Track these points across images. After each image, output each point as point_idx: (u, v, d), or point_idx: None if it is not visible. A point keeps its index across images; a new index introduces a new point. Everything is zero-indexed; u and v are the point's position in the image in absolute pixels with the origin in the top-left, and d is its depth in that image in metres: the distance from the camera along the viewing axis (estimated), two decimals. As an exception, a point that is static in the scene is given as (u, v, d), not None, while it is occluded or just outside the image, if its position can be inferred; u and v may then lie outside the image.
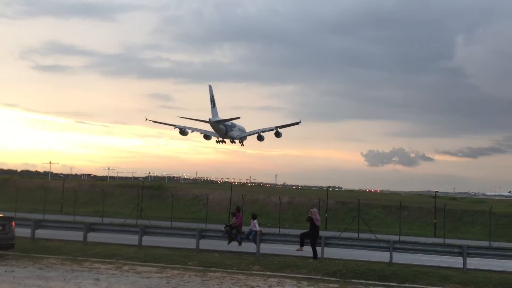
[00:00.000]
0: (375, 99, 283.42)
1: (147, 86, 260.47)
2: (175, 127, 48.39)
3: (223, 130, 48.57)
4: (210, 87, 48.57)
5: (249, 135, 51.91)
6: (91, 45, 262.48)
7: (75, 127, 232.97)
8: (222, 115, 46.70)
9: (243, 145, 52.29)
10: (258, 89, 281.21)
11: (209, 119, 46.42)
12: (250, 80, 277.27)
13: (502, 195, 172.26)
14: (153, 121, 48.52)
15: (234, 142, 51.67)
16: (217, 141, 51.02)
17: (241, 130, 51.64)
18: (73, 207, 41.95)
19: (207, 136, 50.98)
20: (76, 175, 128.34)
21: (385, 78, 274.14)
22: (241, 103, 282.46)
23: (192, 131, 50.56)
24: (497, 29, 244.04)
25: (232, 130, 50.10)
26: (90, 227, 22.45)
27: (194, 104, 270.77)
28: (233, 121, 49.13)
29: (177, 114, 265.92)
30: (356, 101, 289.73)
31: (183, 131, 49.08)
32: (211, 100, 48.35)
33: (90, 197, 54.33)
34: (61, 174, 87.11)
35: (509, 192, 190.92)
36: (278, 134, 49.35)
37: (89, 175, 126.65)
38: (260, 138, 50.72)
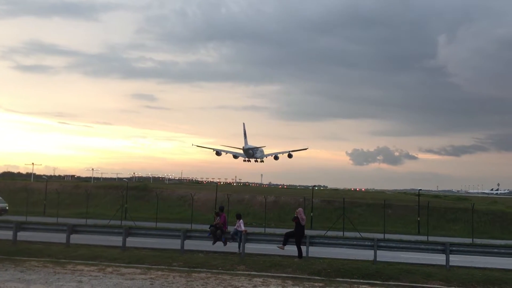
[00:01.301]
0: (359, 98, 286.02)
1: (131, 86, 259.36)
2: (214, 150, 71.23)
3: (251, 154, 70.27)
4: (243, 124, 70.81)
5: (268, 156, 73.25)
6: (74, 45, 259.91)
7: (58, 128, 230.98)
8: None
9: (262, 161, 74.62)
10: (243, 88, 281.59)
11: (243, 147, 69.05)
12: (235, 80, 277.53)
13: (484, 193, 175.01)
14: (197, 146, 75.81)
15: (257, 161, 73.81)
16: (244, 160, 73.44)
17: (261, 151, 72.66)
18: (56, 209, 41.39)
19: (235, 157, 72.72)
20: (59, 176, 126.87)
21: (369, 78, 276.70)
22: (226, 102, 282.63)
23: (226, 153, 72.64)
24: (478, 28, 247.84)
25: (256, 153, 71.04)
26: (73, 229, 22.18)
27: (179, 104, 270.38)
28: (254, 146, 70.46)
29: (161, 114, 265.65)
30: (340, 100, 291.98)
31: (218, 153, 71.13)
32: (244, 134, 70.59)
33: (73, 199, 53.69)
34: (44, 175, 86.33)
35: (492, 189, 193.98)
36: (290, 156, 72.03)
37: (72, 176, 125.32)
38: (276, 158, 73.64)
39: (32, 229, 23.29)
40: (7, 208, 43.53)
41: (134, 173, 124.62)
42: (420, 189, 57.81)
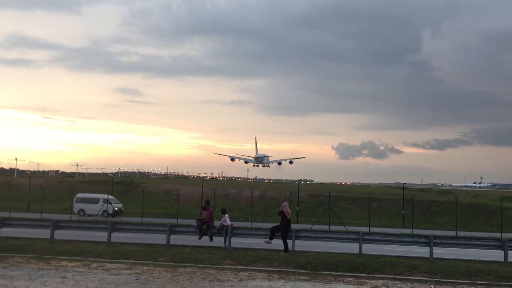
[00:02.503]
0: (345, 93, 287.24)
1: (115, 80, 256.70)
2: (230, 157, 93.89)
3: (260, 160, 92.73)
4: (255, 138, 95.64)
5: (275, 162, 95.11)
6: (57, 38, 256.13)
7: (41, 123, 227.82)
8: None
9: (268, 166, 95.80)
10: (229, 83, 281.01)
11: (255, 157, 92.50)
12: (221, 74, 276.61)
13: (468, 186, 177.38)
14: (216, 153, 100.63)
15: (264, 166, 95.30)
16: (254, 165, 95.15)
17: (268, 159, 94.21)
18: (40, 205, 40.97)
19: (246, 162, 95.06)
20: (43, 171, 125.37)
21: (354, 72, 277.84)
22: (211, 97, 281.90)
23: (239, 160, 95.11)
24: (462, 23, 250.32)
25: (264, 160, 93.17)
26: (58, 225, 21.94)
27: (164, 99, 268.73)
28: (264, 154, 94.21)
29: (146, 109, 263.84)
30: (326, 94, 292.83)
31: (233, 159, 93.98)
32: (255, 145, 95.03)
33: (58, 194, 53.19)
34: (28, 171, 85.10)
35: (475, 182, 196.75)
36: (291, 162, 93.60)
37: (56, 171, 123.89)
38: (279, 164, 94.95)
39: (16, 225, 23.01)
40: (122, 208, 43.00)
41: (119, 168, 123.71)
42: (405, 183, 58.53)
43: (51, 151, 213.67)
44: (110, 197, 42.80)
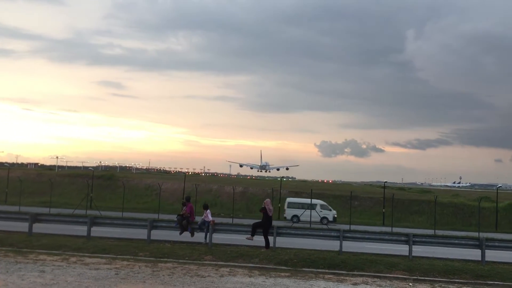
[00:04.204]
0: (328, 91, 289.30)
1: (98, 73, 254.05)
2: (239, 164, 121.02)
3: (264, 167, 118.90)
4: (261, 151, 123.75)
5: (274, 168, 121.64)
6: (38, 29, 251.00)
7: (21, 115, 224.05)
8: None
9: (270, 171, 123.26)
10: (213, 78, 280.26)
11: (260, 165, 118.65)
12: (205, 69, 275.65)
13: (447, 186, 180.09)
14: (229, 161, 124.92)
15: (266, 171, 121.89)
16: (258, 171, 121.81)
17: (269, 165, 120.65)
18: (18, 197, 40.27)
19: (252, 168, 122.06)
20: (22, 164, 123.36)
21: (338, 71, 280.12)
22: (195, 92, 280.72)
23: (247, 166, 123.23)
24: (445, 24, 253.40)
25: (266, 167, 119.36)
26: (36, 218, 21.62)
27: (148, 93, 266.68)
28: (266, 162, 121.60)
29: (129, 102, 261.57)
30: (309, 92, 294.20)
31: (241, 165, 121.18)
32: (260, 156, 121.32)
33: (37, 187, 52.31)
34: (6, 163, 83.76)
35: (454, 182, 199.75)
36: (287, 169, 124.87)
37: (36, 164, 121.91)
38: (278, 169, 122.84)
39: (-7, 217, 22.57)
40: (335, 216, 39.22)
41: (100, 162, 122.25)
42: (386, 182, 59.13)
43: (30, 143, 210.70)
44: (321, 201, 40.59)
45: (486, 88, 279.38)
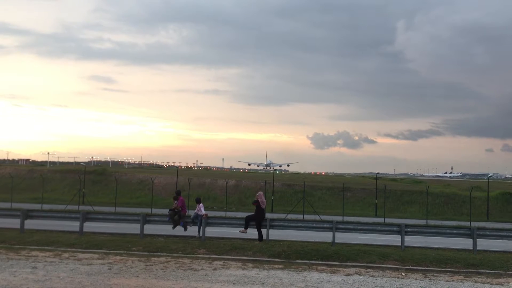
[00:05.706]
0: (320, 83, 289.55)
1: (88, 67, 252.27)
2: (247, 163, 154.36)
3: (269, 165, 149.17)
4: (266, 152, 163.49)
5: (277, 165, 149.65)
6: (27, 24, 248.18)
7: (11, 110, 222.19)
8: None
9: (274, 169, 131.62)
10: (204, 71, 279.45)
11: (265, 164, 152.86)
12: (196, 63, 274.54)
13: (439, 176, 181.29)
14: (239, 161, 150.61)
15: (271, 169, 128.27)
16: (262, 169, 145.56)
17: (273, 163, 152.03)
18: (9, 194, 40.00)
19: (258, 166, 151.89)
20: (13, 160, 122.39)
21: (329, 62, 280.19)
22: (186, 85, 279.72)
23: (254, 164, 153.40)
24: (435, 15, 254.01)
25: (271, 165, 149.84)
26: (28, 214, 21.49)
27: (138, 87, 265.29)
28: (270, 160, 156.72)
29: (119, 97, 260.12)
30: (301, 84, 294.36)
31: (249, 164, 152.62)
32: (266, 156, 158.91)
33: (28, 183, 52.00)
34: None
35: (445, 172, 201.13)
36: (288, 166, 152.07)
37: (27, 160, 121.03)
38: (280, 166, 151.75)
39: (-16, 214, 22.40)
40: None
41: (92, 157, 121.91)
42: (378, 173, 59.52)
43: (21, 139, 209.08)
44: None
45: (476, 78, 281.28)
